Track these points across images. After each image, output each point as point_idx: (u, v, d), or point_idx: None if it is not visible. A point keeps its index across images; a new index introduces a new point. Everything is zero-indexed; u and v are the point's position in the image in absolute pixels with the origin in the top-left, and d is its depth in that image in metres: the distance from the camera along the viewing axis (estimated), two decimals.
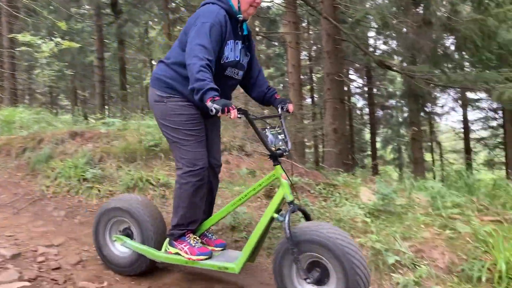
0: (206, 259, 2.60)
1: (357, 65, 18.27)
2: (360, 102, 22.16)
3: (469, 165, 15.44)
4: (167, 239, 2.78)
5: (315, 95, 21.83)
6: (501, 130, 17.76)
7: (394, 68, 9.64)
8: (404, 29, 10.19)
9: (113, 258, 2.94)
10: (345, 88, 16.56)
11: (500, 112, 16.94)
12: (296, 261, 2.26)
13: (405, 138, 19.12)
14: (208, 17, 2.43)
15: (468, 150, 17.93)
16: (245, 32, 2.67)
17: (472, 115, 19.23)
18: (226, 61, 2.55)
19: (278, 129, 2.58)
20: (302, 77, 17.95)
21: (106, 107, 16.57)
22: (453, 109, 18.47)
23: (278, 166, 2.47)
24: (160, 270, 3.03)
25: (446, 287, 2.76)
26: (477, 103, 17.55)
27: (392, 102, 20.23)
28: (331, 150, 9.19)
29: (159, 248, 2.77)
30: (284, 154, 2.50)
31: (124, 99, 15.36)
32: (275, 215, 2.44)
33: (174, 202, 2.69)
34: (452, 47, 11.18)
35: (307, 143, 18.83)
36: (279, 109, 2.72)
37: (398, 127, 19.94)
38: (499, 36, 8.48)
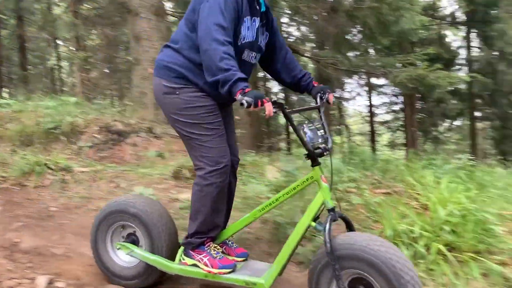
0: (229, 272, 2.25)
1: None
2: (276, 87, 22.68)
3: (373, 146, 16.60)
4: (181, 248, 2.41)
5: None
6: (402, 114, 19.31)
7: (302, 53, 10.00)
8: (315, 16, 10.60)
9: (115, 268, 2.55)
10: (262, 74, 16.84)
11: (401, 97, 18.39)
12: (337, 279, 1.94)
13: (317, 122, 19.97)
14: None
15: (373, 133, 19.27)
16: (263, 8, 2.31)
17: (376, 100, 20.64)
18: (243, 42, 2.19)
19: (317, 123, 2.20)
20: None
21: (4, 89, 15.14)
22: (359, 94, 19.66)
23: (318, 168, 2.14)
24: None
25: None
26: (381, 89, 18.86)
27: None
28: (246, 133, 9.36)
29: (170, 257, 2.42)
30: (325, 153, 2.15)
31: (25, 81, 14.15)
32: (313, 224, 2.14)
33: (192, 207, 2.33)
34: (358, 34, 11.90)
35: None
36: (318, 99, 2.36)
37: (310, 112, 20.74)
38: (397, 25, 9.18)
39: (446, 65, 15.41)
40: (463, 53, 16.92)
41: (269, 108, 1.86)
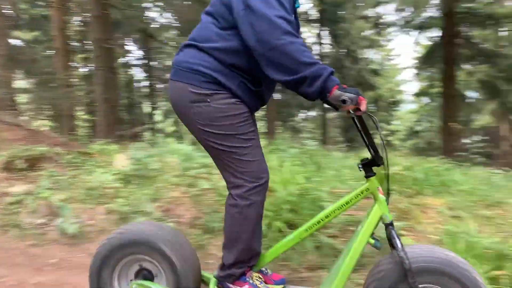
0: None
1: (136, 35, 17.86)
2: (141, 74, 21.88)
3: None
4: (213, 281, 2.04)
5: (91, 64, 20.42)
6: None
7: (166, 42, 9.81)
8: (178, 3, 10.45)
9: None
10: (124, 59, 16.01)
11: None
12: None
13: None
14: None
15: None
16: (297, 4, 2.03)
17: None
18: None
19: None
20: (77, 44, 16.49)
21: None
22: None
23: (374, 178, 1.93)
24: None
25: (190, 239, 2.98)
26: None
27: None
28: (103, 121, 8.81)
29: None
30: (383, 163, 1.95)
31: None
32: (372, 241, 1.93)
33: (229, 233, 1.99)
34: None
35: (79, 114, 17.58)
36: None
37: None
38: None
39: None
40: (316, 48, 18.43)
41: (365, 106, 1.69)
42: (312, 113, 20.32)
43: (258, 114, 21.43)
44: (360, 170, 1.93)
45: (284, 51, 1.67)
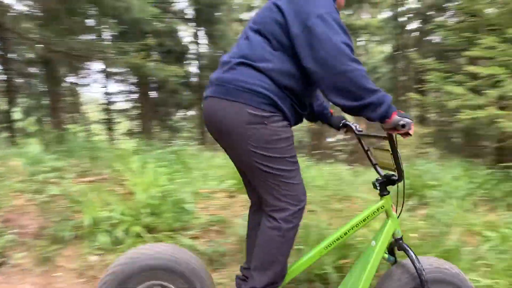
0: None
1: None
2: None
3: (110, 135, 16.21)
4: None
5: None
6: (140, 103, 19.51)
7: (23, 34, 8.86)
8: None
9: None
10: None
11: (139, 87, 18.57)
12: None
13: (47, 109, 18.17)
14: (329, 6, 1.80)
15: (110, 121, 18.87)
16: None
17: (115, 87, 20.27)
18: None
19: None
20: None
21: None
22: (96, 81, 18.84)
23: (389, 196, 2.09)
24: None
25: (33, 252, 2.68)
26: (116, 77, 18.54)
27: (34, 69, 18.69)
28: None
29: None
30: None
31: None
32: (386, 255, 2.09)
33: (266, 256, 1.95)
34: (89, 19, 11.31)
35: None
36: (354, 128, 2.23)
37: (40, 97, 18.67)
38: (129, 12, 9.17)
39: (179, 58, 16.44)
40: (193, 48, 18.34)
41: (413, 129, 1.82)
42: (191, 112, 20.17)
43: (133, 112, 20.56)
44: (377, 189, 2.10)
45: (350, 77, 1.72)
